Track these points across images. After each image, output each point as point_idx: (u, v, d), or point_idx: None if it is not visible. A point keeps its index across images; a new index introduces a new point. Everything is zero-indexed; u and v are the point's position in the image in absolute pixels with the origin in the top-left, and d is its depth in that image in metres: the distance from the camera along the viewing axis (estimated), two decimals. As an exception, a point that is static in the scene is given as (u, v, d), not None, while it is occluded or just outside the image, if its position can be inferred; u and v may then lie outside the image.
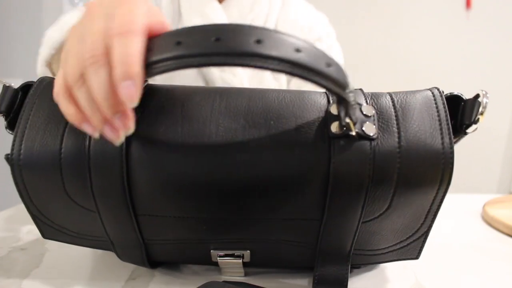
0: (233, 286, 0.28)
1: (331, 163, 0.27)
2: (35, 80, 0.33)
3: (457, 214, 0.55)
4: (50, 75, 0.45)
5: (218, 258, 0.32)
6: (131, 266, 0.36)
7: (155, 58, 0.23)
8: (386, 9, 1.57)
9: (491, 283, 0.35)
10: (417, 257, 0.33)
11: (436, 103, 0.29)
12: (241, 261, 0.32)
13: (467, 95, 0.31)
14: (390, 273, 0.36)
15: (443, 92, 0.30)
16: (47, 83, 0.32)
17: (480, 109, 0.29)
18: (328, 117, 0.28)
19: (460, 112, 0.30)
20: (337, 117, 0.28)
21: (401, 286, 0.34)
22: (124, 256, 0.34)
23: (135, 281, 0.34)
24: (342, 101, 0.26)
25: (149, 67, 0.23)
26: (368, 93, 0.31)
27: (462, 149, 1.59)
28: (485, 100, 0.29)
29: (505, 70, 1.58)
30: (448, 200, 0.62)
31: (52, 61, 0.41)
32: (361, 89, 0.31)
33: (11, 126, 0.31)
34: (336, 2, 1.57)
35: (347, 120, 0.27)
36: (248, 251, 0.32)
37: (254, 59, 0.22)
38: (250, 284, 0.30)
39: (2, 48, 1.61)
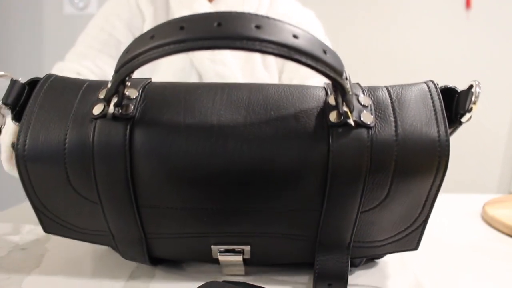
0: (233, 286, 0.28)
1: (330, 151, 0.28)
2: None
3: (457, 214, 0.55)
4: None
5: (218, 254, 0.32)
6: (131, 266, 0.36)
7: (159, 42, 0.24)
8: (386, 9, 1.57)
9: (491, 283, 0.35)
10: (416, 248, 0.33)
11: (431, 94, 0.30)
12: (241, 257, 0.32)
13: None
14: (389, 273, 0.36)
15: (437, 84, 0.31)
16: (53, 79, 0.33)
17: (473, 99, 0.30)
18: (327, 107, 0.29)
19: (455, 103, 0.31)
20: (335, 107, 0.29)
21: (401, 285, 0.34)
22: (124, 251, 0.34)
23: (136, 281, 0.34)
24: (339, 87, 0.27)
25: (153, 50, 0.24)
26: (365, 86, 0.32)
27: (463, 149, 1.59)
28: (477, 89, 0.30)
29: (505, 70, 1.58)
30: (448, 200, 0.62)
31: None
32: (358, 83, 0.32)
33: (17, 118, 0.32)
34: (337, 2, 1.57)
35: (345, 108, 0.28)
36: (249, 246, 0.32)
37: (254, 43, 0.23)
38: (250, 284, 0.31)
39: (2, 48, 1.61)
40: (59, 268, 0.36)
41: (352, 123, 0.28)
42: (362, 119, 0.28)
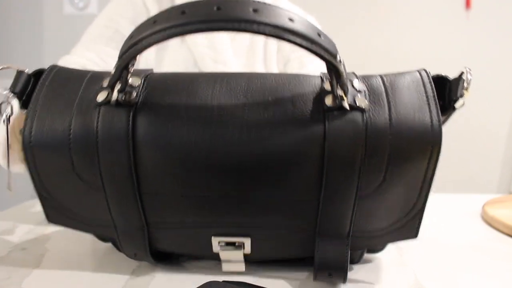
0: (234, 286, 0.28)
1: (326, 133, 0.28)
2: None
3: (457, 214, 0.55)
4: None
5: (219, 249, 0.33)
6: (133, 264, 0.37)
7: (161, 26, 0.25)
8: (386, 9, 1.57)
9: (491, 283, 0.35)
10: (415, 236, 0.33)
11: (423, 82, 0.31)
12: (241, 251, 0.33)
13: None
14: (389, 273, 0.36)
15: (430, 72, 0.32)
16: (57, 70, 0.34)
17: (465, 85, 0.30)
18: (322, 92, 0.30)
19: (447, 91, 0.32)
20: (330, 92, 0.30)
21: (400, 285, 0.34)
22: (126, 245, 0.34)
23: (136, 281, 0.34)
24: (333, 70, 0.28)
25: (155, 34, 0.25)
26: (359, 75, 0.32)
27: (463, 149, 1.59)
28: (469, 76, 0.31)
29: (505, 70, 1.58)
30: (448, 200, 0.62)
31: None
32: (353, 72, 0.33)
33: (24, 106, 0.33)
34: (337, 2, 1.57)
35: (339, 92, 0.29)
36: (249, 238, 0.32)
37: (252, 25, 0.24)
38: (251, 284, 0.31)
39: (2, 48, 1.62)
40: (59, 268, 0.36)
41: (347, 107, 0.29)
42: (356, 103, 0.29)
